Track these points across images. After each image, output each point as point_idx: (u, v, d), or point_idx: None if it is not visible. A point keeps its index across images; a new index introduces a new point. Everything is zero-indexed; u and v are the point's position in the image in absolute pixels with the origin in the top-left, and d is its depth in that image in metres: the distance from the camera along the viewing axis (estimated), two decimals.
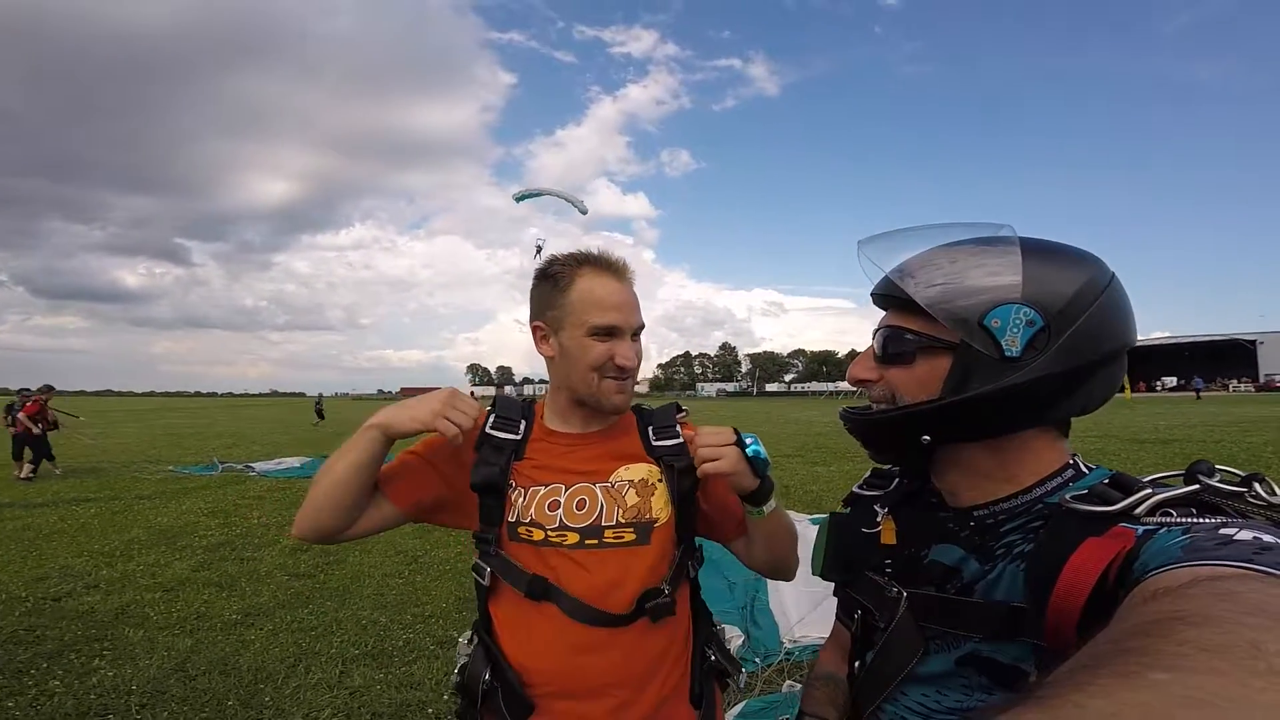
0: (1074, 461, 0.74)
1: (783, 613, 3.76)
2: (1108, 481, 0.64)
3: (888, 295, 0.77)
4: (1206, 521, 0.53)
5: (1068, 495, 0.64)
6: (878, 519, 0.86)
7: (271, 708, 2.99)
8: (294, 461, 12.41)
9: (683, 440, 1.19)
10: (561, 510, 1.12)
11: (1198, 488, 0.58)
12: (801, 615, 3.67)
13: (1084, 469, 0.74)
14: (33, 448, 10.54)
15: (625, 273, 1.16)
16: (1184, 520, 0.54)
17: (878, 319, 0.81)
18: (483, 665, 1.11)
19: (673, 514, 1.15)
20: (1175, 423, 17.38)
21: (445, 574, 4.95)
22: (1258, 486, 0.56)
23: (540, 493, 1.13)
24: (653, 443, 1.19)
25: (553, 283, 1.14)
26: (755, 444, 1.06)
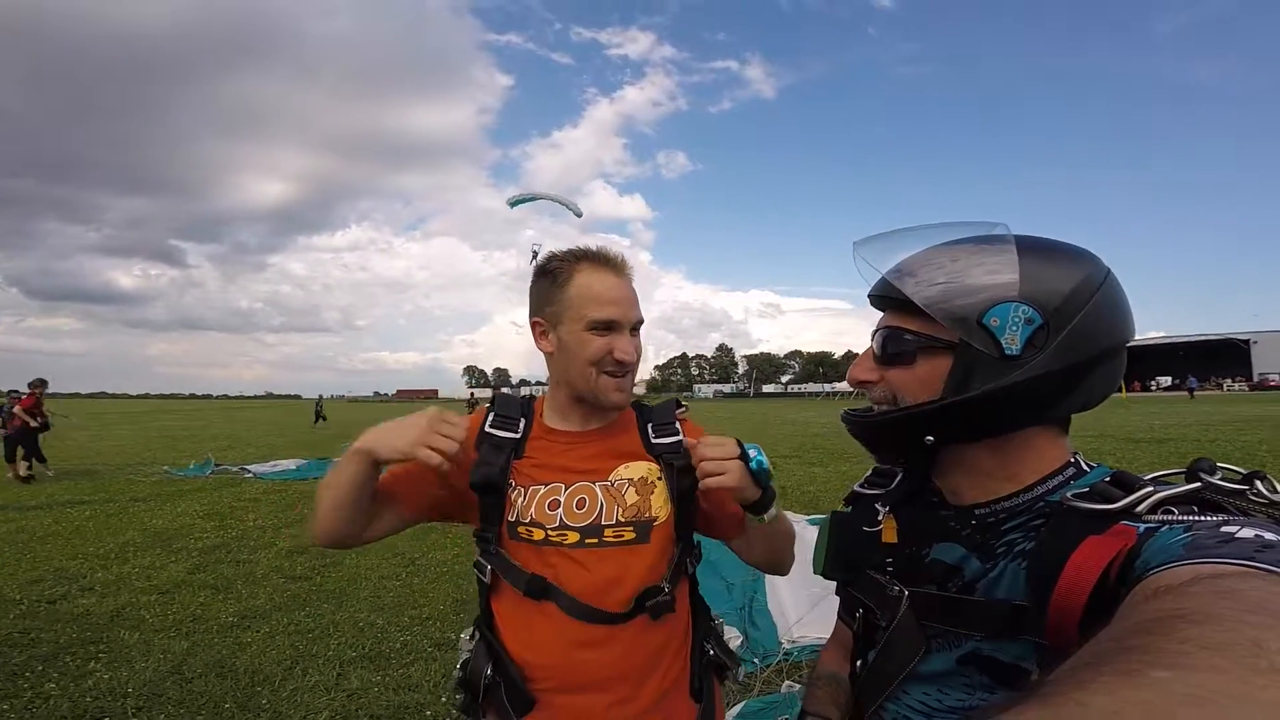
0: (1075, 460, 0.74)
1: (781, 613, 3.77)
2: (1109, 479, 0.64)
3: (885, 296, 0.77)
4: (1208, 519, 0.53)
5: (1069, 493, 0.64)
6: (879, 517, 0.86)
7: (269, 710, 2.97)
8: (290, 464, 12.36)
9: (682, 438, 1.20)
10: (561, 509, 1.12)
11: (1199, 485, 0.58)
12: (800, 616, 3.67)
13: (1085, 467, 0.74)
14: (26, 446, 10.41)
15: (624, 268, 1.16)
16: (1185, 518, 0.54)
17: (874, 320, 0.81)
18: (485, 661, 1.12)
19: (672, 512, 1.15)
20: (1170, 422, 17.46)
21: (442, 576, 4.94)
22: (1259, 484, 0.56)
23: (540, 492, 1.13)
24: (652, 440, 1.20)
25: (551, 278, 1.15)
26: (758, 455, 1.05)
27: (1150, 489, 0.58)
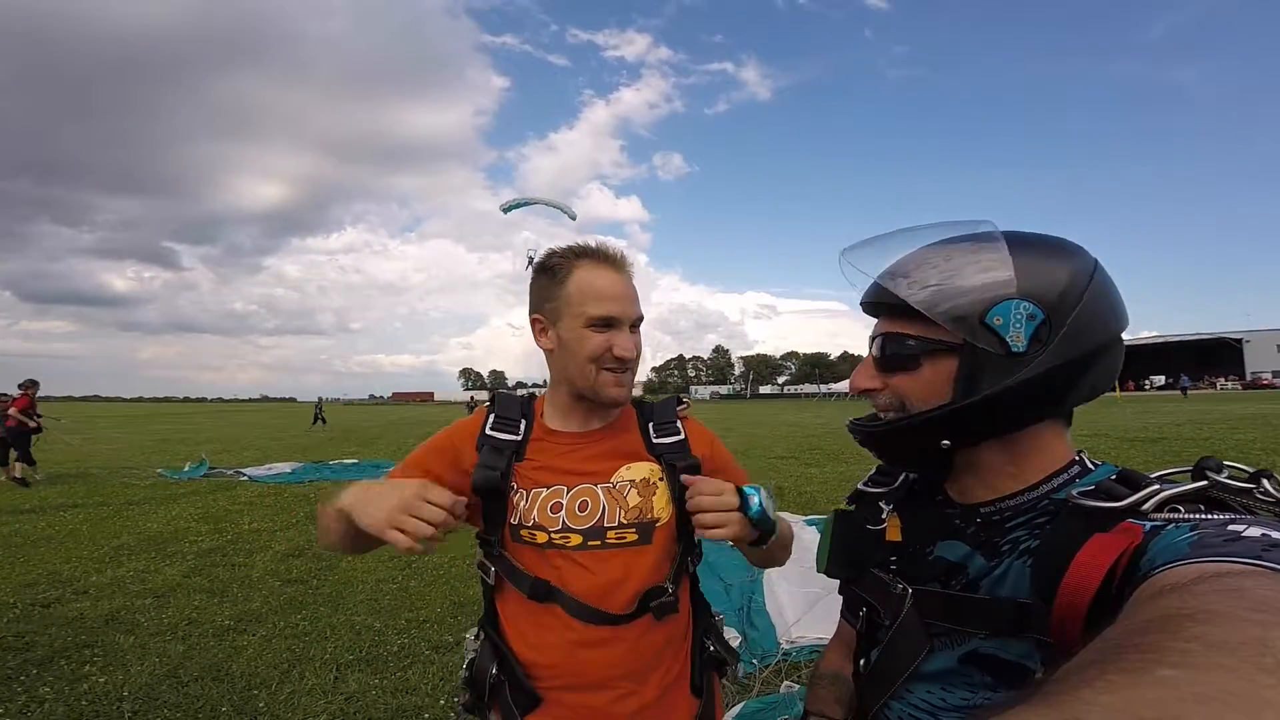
0: (1080, 458, 0.74)
1: (779, 614, 3.77)
2: (1115, 477, 0.64)
3: (879, 302, 0.76)
4: (1214, 518, 0.53)
5: (1075, 491, 0.64)
6: (883, 515, 0.85)
7: (266, 714, 2.96)
8: (285, 467, 12.31)
9: (684, 437, 1.20)
10: (564, 512, 1.12)
11: (1206, 484, 0.57)
12: (798, 616, 3.67)
13: (1090, 465, 0.74)
14: (18, 449, 10.28)
15: (624, 264, 1.15)
16: (1192, 516, 0.54)
17: (870, 321, 0.80)
18: (490, 660, 1.13)
19: (674, 513, 1.16)
20: (1164, 421, 17.52)
21: (439, 579, 4.92)
22: (1266, 483, 0.56)
23: (543, 495, 1.13)
24: (653, 440, 1.20)
25: (551, 274, 1.14)
26: (758, 501, 1.03)
27: (1156, 487, 0.58)
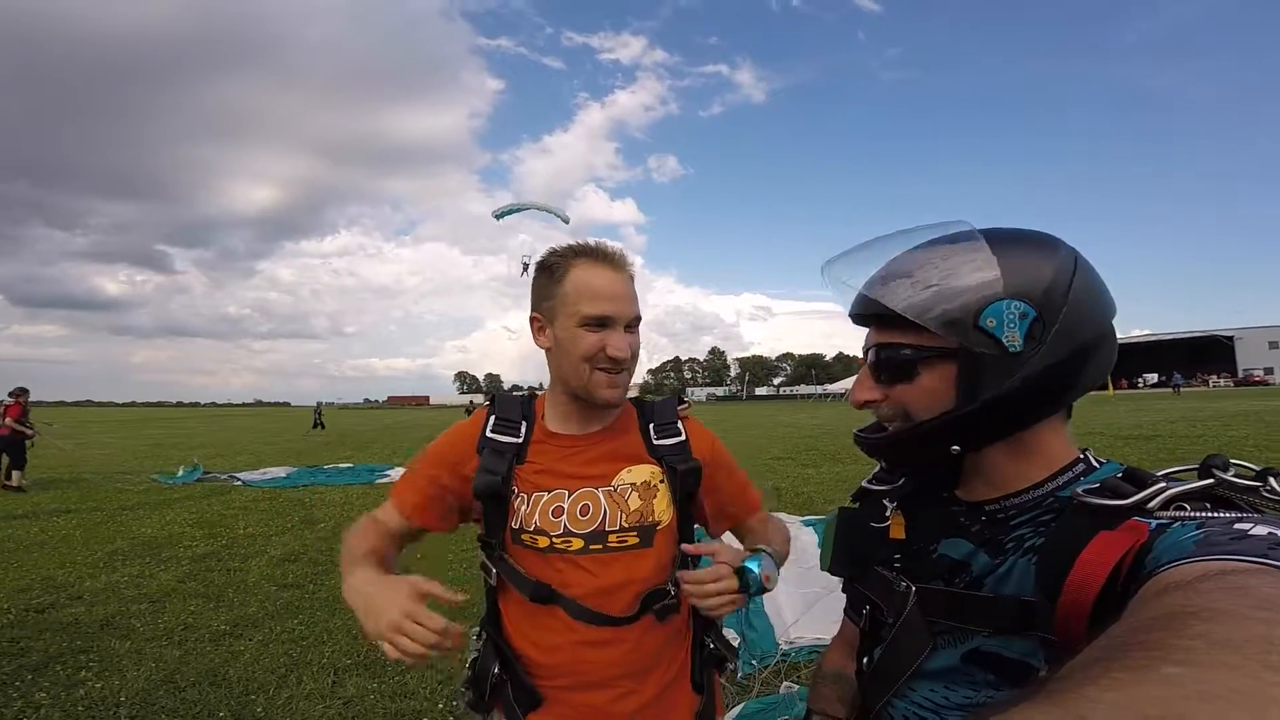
0: (1086, 456, 0.74)
1: (778, 614, 3.76)
2: (1121, 475, 0.64)
3: (869, 313, 0.76)
4: (1221, 516, 0.52)
5: (1080, 489, 0.64)
6: (886, 513, 0.85)
7: (264, 719, 2.94)
8: (280, 471, 12.24)
9: (685, 439, 1.20)
10: (565, 516, 1.12)
11: (1212, 482, 0.57)
12: (796, 617, 3.67)
13: (1095, 463, 0.74)
14: (12, 456, 10.19)
15: (621, 263, 1.14)
16: (1198, 515, 0.54)
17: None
18: (492, 659, 1.13)
19: (675, 515, 1.16)
20: (1157, 418, 17.60)
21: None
22: (1273, 481, 0.56)
23: (544, 499, 1.13)
24: (654, 442, 1.19)
25: (549, 273, 1.14)
26: (756, 573, 1.02)
27: (1162, 485, 0.58)
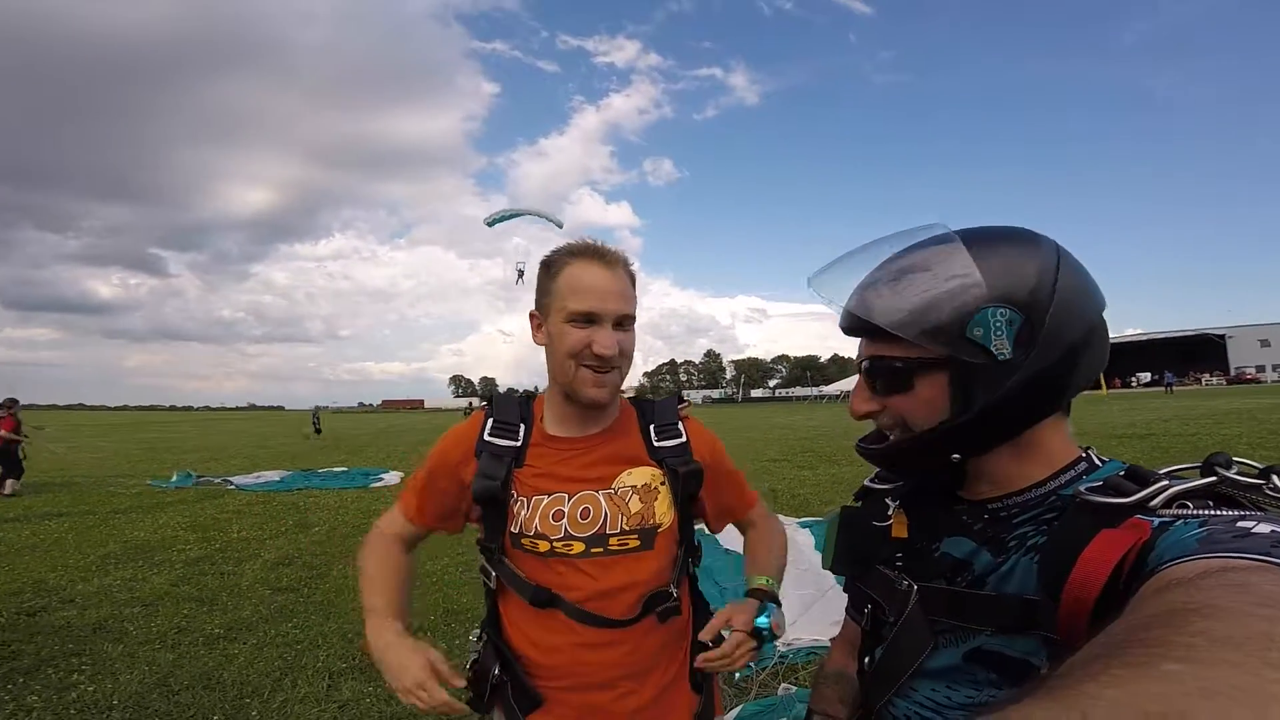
0: (1088, 454, 0.74)
1: None
2: (1123, 473, 0.63)
3: (857, 326, 0.76)
4: (1224, 514, 0.52)
5: (1083, 487, 0.64)
6: (889, 512, 0.85)
7: None
8: (273, 475, 12.19)
9: (685, 440, 1.19)
10: (566, 520, 1.11)
11: (1215, 480, 0.57)
12: (794, 618, 3.67)
13: (1098, 461, 0.73)
14: (5, 464, 10.18)
15: (614, 261, 1.13)
16: (1201, 513, 0.54)
17: None
18: (492, 661, 1.13)
19: (676, 517, 1.15)
20: (1151, 417, 17.68)
21: (432, 587, 4.87)
22: (1276, 479, 0.55)
23: (544, 502, 1.12)
24: (655, 444, 1.18)
25: (547, 270, 1.14)
26: (768, 625, 1.07)
27: (1165, 483, 0.58)
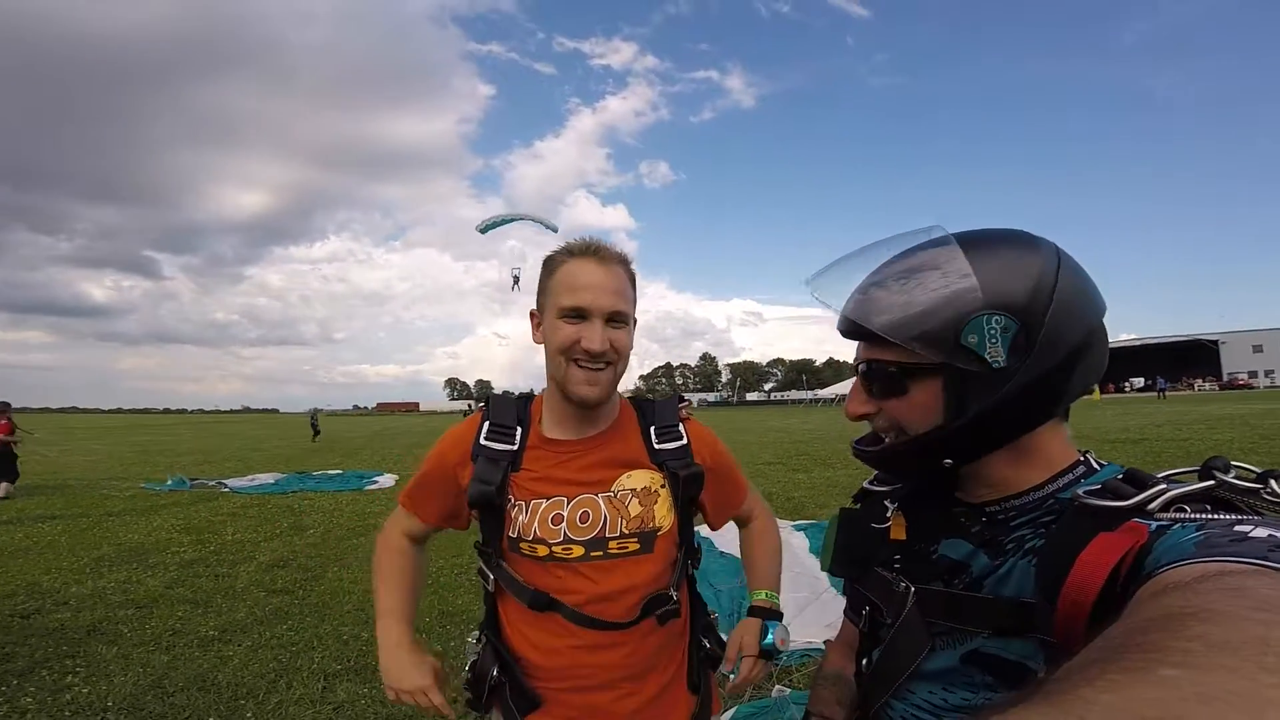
0: (1086, 458, 0.74)
1: None
2: (1121, 477, 0.63)
3: (854, 330, 0.76)
4: (1221, 518, 0.52)
5: (1081, 490, 0.63)
6: (887, 514, 0.85)
7: None
8: (268, 478, 12.13)
9: (686, 442, 1.19)
10: (565, 524, 1.10)
11: (1213, 484, 0.57)
12: (787, 621, 3.67)
13: (1096, 465, 0.74)
14: (2, 468, 10.13)
15: (609, 257, 1.11)
16: (1198, 516, 0.53)
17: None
18: (491, 662, 1.13)
19: (675, 520, 1.15)
20: (1144, 422, 17.72)
21: (428, 589, 4.85)
22: (1274, 484, 0.55)
23: (542, 506, 1.11)
24: (655, 446, 1.18)
25: (546, 268, 1.15)
26: (773, 642, 1.24)
27: (1163, 486, 0.58)
